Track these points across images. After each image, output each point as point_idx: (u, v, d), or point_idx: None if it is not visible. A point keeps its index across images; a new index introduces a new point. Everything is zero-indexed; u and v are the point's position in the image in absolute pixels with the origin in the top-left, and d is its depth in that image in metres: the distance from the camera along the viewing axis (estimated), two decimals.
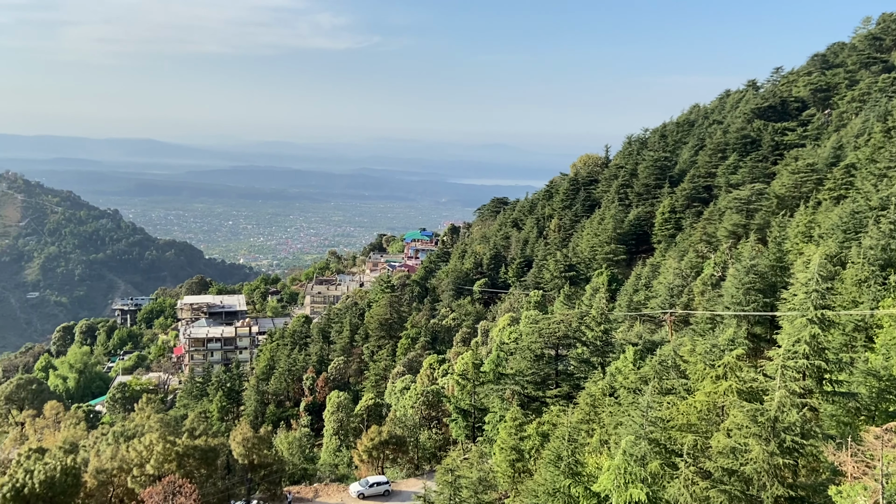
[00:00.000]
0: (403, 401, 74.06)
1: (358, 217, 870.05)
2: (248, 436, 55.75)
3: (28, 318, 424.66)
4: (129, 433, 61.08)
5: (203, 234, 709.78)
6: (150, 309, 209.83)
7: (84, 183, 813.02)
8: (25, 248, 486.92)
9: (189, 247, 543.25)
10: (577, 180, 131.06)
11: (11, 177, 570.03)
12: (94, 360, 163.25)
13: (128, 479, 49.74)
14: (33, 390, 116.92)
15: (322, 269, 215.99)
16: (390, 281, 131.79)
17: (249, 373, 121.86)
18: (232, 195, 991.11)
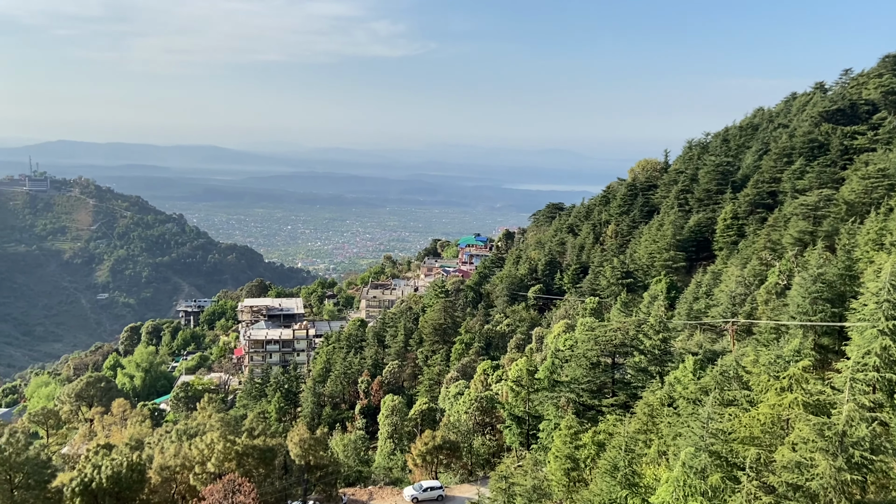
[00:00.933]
0: (457, 406, 74.10)
1: (413, 222, 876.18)
2: (304, 437, 56.71)
3: (98, 319, 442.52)
4: (191, 431, 62.88)
5: (263, 239, 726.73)
6: (213, 311, 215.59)
7: (152, 188, 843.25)
8: (96, 251, 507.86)
9: (249, 250, 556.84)
10: (636, 185, 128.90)
11: (84, 182, 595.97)
12: (159, 360, 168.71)
13: (190, 476, 51.20)
14: (102, 388, 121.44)
15: (377, 273, 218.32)
16: (444, 286, 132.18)
17: (306, 375, 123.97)
18: (291, 200, 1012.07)
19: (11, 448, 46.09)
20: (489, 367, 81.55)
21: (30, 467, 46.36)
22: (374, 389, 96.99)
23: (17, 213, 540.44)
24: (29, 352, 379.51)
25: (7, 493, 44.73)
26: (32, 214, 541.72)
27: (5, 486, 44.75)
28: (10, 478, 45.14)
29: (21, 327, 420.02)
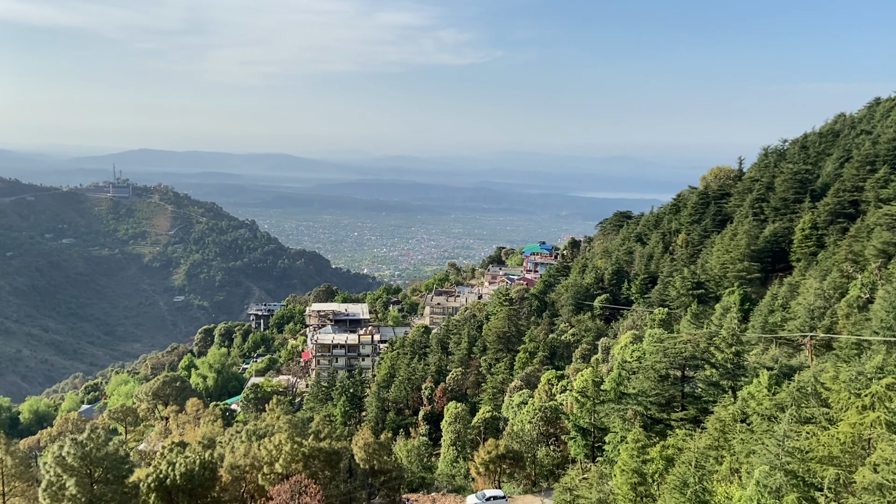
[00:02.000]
0: (521, 415, 73.51)
1: (477, 229, 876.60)
2: (369, 441, 57.40)
3: (174, 320, 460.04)
4: (260, 432, 64.46)
5: (330, 245, 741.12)
6: (282, 314, 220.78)
7: (226, 195, 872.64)
8: (174, 255, 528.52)
9: (317, 256, 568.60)
10: (708, 194, 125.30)
11: (163, 189, 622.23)
12: (230, 362, 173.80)
13: (258, 475, 52.50)
14: (177, 387, 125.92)
15: (441, 280, 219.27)
16: (509, 294, 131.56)
17: (371, 380, 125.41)
18: (358, 207, 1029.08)
19: (92, 443, 48.12)
20: (554, 377, 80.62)
21: (109, 462, 48.24)
22: (437, 396, 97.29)
23: (102, 219, 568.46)
24: (110, 351, 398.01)
25: (87, 486, 46.71)
26: (115, 219, 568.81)
27: (86, 479, 46.79)
28: (91, 472, 47.16)
29: (103, 327, 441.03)
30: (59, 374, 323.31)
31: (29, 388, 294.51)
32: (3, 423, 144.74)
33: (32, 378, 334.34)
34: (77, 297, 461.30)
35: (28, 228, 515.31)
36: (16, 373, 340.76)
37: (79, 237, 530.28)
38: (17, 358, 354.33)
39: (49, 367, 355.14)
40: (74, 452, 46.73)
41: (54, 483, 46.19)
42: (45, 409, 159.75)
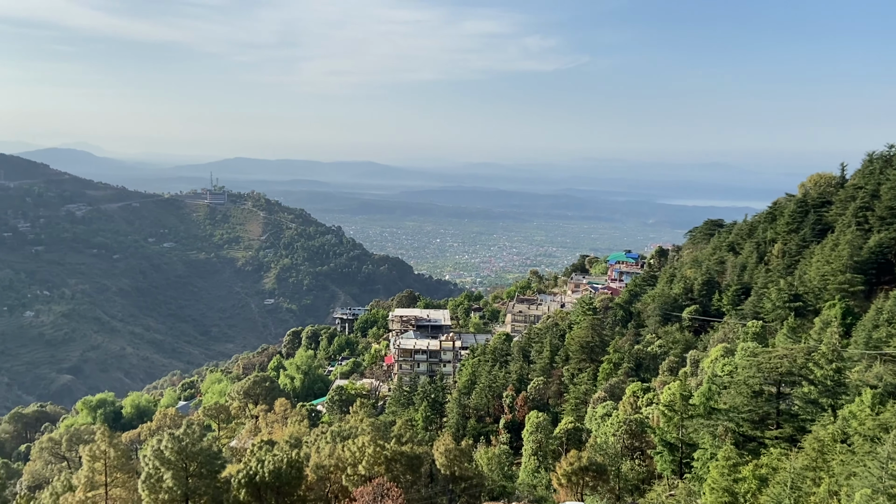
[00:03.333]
0: (604, 427, 71.94)
1: (560, 237, 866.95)
2: (450, 447, 57.58)
3: (265, 322, 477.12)
4: (344, 434, 65.83)
5: (413, 251, 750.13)
6: (366, 319, 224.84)
7: (314, 202, 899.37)
8: (265, 260, 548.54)
9: (400, 262, 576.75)
10: (806, 202, 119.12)
11: (256, 196, 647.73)
12: (316, 364, 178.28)
13: (342, 476, 53.61)
14: (266, 387, 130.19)
15: (523, 288, 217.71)
16: (592, 303, 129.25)
17: (452, 386, 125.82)
18: (440, 214, 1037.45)
19: (188, 439, 50.36)
20: (639, 390, 78.52)
21: (203, 457, 50.31)
22: (518, 404, 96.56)
23: (199, 224, 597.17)
24: (205, 350, 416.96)
25: (182, 479, 48.90)
26: (212, 225, 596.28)
27: (181, 473, 49.00)
28: (186, 466, 49.37)
29: (199, 328, 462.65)
30: (158, 371, 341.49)
31: (131, 383, 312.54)
32: (108, 416, 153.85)
33: (135, 374, 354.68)
34: (176, 298, 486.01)
35: (133, 233, 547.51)
36: (120, 369, 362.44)
37: (178, 241, 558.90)
38: (121, 355, 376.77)
39: (150, 364, 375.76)
40: (172, 447, 49.08)
41: (153, 475, 48.65)
42: (145, 405, 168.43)
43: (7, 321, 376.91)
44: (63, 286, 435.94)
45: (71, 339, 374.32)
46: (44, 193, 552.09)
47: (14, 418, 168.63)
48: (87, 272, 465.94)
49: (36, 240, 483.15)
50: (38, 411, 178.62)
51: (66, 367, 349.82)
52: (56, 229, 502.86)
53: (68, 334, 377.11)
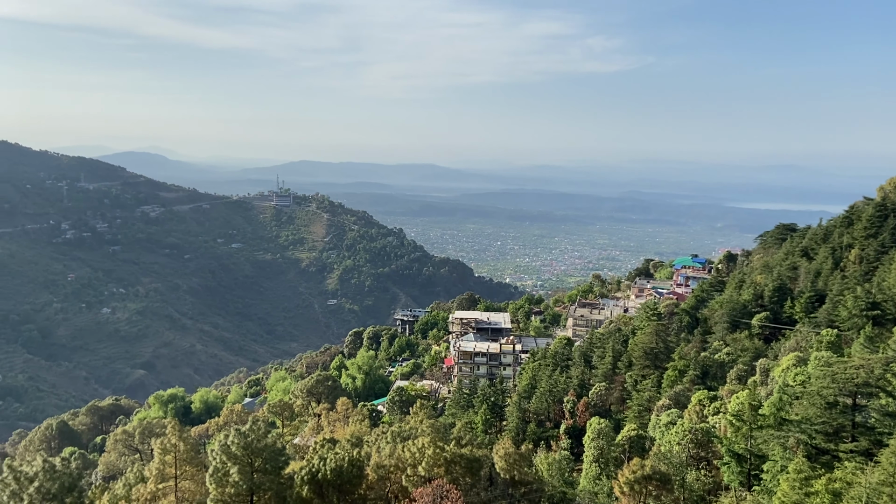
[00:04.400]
0: (668, 436, 70.18)
1: (623, 241, 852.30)
2: (510, 451, 57.21)
3: (327, 322, 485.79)
4: (404, 434, 66.26)
5: (474, 253, 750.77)
6: (426, 321, 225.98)
7: (376, 204, 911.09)
8: (328, 261, 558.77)
9: (461, 265, 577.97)
10: (886, 206, 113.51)
11: (320, 198, 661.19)
12: (377, 364, 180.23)
13: (402, 477, 53.92)
14: (329, 386, 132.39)
15: (585, 292, 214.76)
16: (657, 308, 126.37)
17: (512, 389, 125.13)
18: (501, 217, 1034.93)
19: (254, 434, 51.53)
20: (705, 398, 76.30)
21: (267, 453, 51.38)
22: (579, 410, 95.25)
23: (266, 225, 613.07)
24: (270, 349, 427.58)
25: (248, 474, 50.08)
26: (277, 226, 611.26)
27: (247, 468, 50.18)
28: (252, 461, 50.52)
29: (265, 326, 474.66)
30: (226, 368, 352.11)
31: (200, 379, 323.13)
32: (178, 410, 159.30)
33: (203, 371, 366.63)
34: (243, 297, 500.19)
35: (203, 234, 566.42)
36: (190, 365, 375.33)
37: (246, 242, 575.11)
38: (191, 352, 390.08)
39: (218, 361, 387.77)
40: (238, 442, 50.33)
41: (220, 469, 49.99)
42: (213, 400, 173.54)
43: (86, 317, 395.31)
44: (137, 284, 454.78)
45: (144, 335, 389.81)
46: (120, 195, 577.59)
47: (91, 411, 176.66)
48: (159, 271, 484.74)
49: (113, 240, 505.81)
50: (113, 404, 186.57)
51: (140, 362, 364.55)
52: (131, 229, 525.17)
53: (142, 331, 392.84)
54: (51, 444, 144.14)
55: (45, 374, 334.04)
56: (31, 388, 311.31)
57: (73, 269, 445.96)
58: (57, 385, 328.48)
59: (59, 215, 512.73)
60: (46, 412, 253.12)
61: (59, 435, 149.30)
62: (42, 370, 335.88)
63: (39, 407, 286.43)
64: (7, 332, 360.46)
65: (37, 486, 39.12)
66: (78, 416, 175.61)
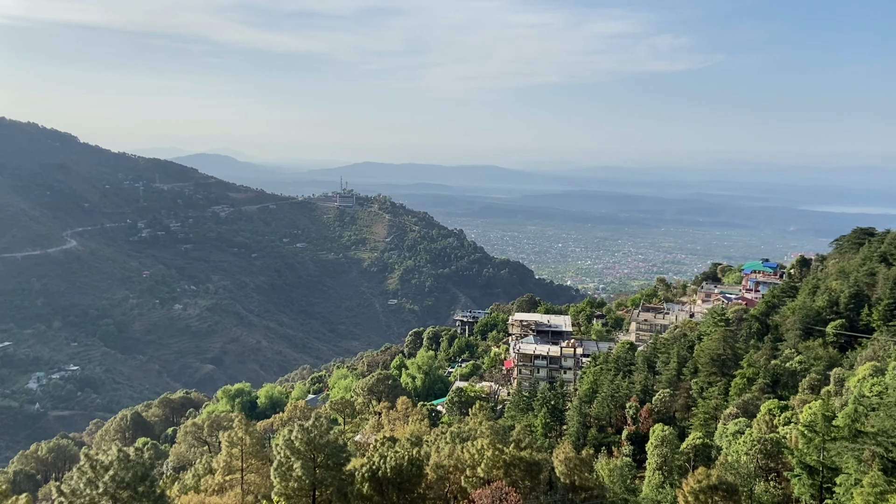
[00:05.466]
0: (736, 445, 68.06)
1: (690, 244, 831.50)
2: (570, 456, 56.63)
3: (388, 322, 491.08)
4: (463, 435, 66.41)
5: (534, 255, 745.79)
6: (485, 322, 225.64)
7: (437, 205, 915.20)
8: (389, 261, 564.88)
9: (521, 266, 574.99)
10: None
11: (382, 199, 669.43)
12: (437, 364, 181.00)
13: (461, 477, 54.06)
14: (389, 385, 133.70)
15: (649, 296, 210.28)
16: (724, 314, 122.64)
17: (572, 393, 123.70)
18: (563, 218, 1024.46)
19: (316, 430, 52.53)
20: (776, 407, 73.69)
21: (330, 449, 52.30)
22: (642, 416, 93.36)
23: (329, 226, 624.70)
24: (333, 346, 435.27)
25: (311, 469, 51.10)
26: (340, 226, 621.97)
27: (310, 463, 51.21)
28: (314, 457, 51.54)
29: (328, 325, 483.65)
30: (290, 364, 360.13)
31: (266, 375, 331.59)
32: (244, 405, 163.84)
33: (269, 367, 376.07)
34: (307, 296, 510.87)
35: (269, 233, 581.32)
36: (256, 361, 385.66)
37: (310, 242, 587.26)
38: (257, 348, 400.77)
39: (282, 357, 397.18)
40: (301, 437, 51.46)
41: (284, 464, 51.21)
42: (277, 396, 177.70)
43: (159, 313, 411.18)
44: (207, 282, 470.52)
45: (213, 331, 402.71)
46: (193, 196, 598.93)
47: (163, 403, 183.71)
48: (228, 269, 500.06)
49: (185, 238, 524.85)
50: (183, 397, 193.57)
51: (209, 357, 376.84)
52: (202, 229, 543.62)
53: (211, 327, 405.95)
54: (125, 435, 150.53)
55: (120, 366, 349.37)
56: (107, 380, 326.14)
57: (148, 266, 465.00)
58: (132, 377, 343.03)
59: (135, 214, 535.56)
60: (122, 403, 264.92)
61: (133, 425, 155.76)
62: (118, 363, 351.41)
63: (115, 398, 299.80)
64: (87, 326, 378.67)
65: (111, 475, 40.86)
66: (151, 407, 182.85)
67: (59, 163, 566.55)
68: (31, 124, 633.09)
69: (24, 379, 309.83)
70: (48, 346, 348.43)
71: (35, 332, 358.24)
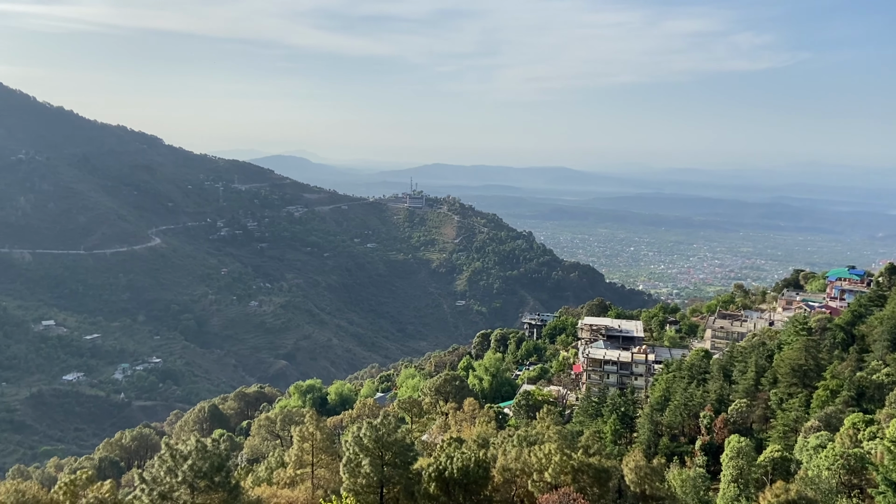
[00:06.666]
0: (817, 460, 65.04)
1: (770, 249, 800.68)
2: (640, 464, 55.42)
3: (455, 323, 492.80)
4: (530, 439, 65.88)
5: (605, 259, 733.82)
6: (554, 325, 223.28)
7: (506, 207, 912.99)
8: (457, 262, 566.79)
9: (591, 270, 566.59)
10: None
11: (451, 201, 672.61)
12: (504, 367, 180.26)
13: (528, 482, 53.67)
14: (456, 386, 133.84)
15: (726, 302, 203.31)
16: (807, 322, 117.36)
17: (643, 400, 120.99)
18: (635, 221, 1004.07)
19: (384, 429, 53.25)
20: (860, 421, 70.07)
21: (397, 448, 52.92)
22: (717, 426, 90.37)
23: (399, 226, 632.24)
24: (401, 346, 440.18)
25: (379, 467, 51.82)
26: (410, 227, 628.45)
27: (378, 461, 51.94)
28: (382, 454, 52.24)
29: (396, 324, 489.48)
30: (359, 362, 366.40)
31: (336, 372, 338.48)
32: (315, 401, 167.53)
33: (339, 364, 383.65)
34: (376, 295, 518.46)
35: (341, 233, 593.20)
36: (326, 358, 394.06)
37: (380, 242, 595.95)
38: (328, 346, 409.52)
39: (352, 355, 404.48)
40: (370, 435, 52.24)
41: (352, 460, 52.10)
42: (347, 393, 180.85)
43: (236, 309, 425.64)
44: (282, 280, 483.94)
45: (287, 328, 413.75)
46: (269, 196, 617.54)
47: (238, 397, 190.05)
48: (301, 268, 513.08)
49: (261, 237, 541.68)
50: (257, 392, 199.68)
51: (282, 353, 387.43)
52: (277, 228, 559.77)
53: (285, 324, 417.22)
54: (203, 426, 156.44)
55: (199, 360, 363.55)
56: (187, 373, 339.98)
57: (226, 263, 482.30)
58: (209, 371, 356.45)
59: (215, 214, 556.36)
60: (200, 395, 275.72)
61: (211, 417, 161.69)
62: (197, 356, 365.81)
63: (194, 390, 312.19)
64: (168, 320, 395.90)
65: (190, 464, 42.56)
66: (227, 400, 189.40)
67: (145, 164, 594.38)
68: (120, 127, 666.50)
69: (110, 369, 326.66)
70: (133, 339, 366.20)
71: (121, 325, 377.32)
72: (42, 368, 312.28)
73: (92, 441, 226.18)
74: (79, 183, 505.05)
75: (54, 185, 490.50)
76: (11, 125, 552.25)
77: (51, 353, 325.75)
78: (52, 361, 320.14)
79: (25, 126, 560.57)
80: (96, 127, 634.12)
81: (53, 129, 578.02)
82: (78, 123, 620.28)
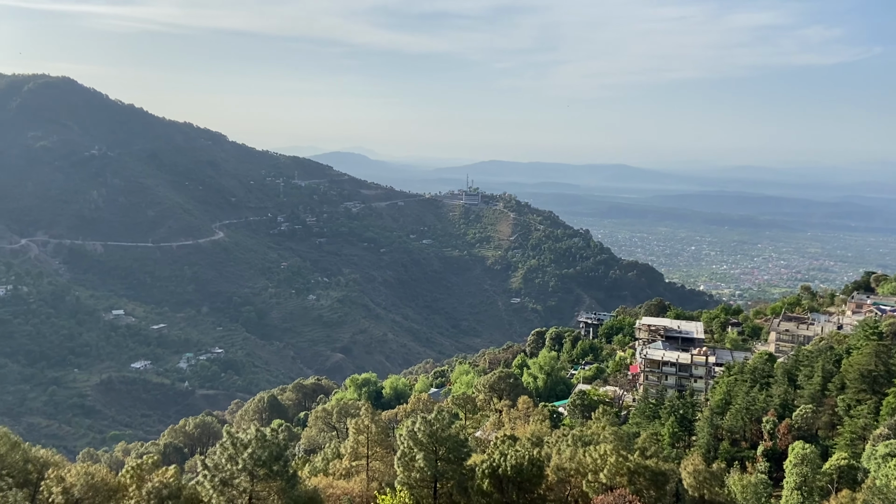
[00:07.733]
0: (886, 469, 62.31)
1: (839, 250, 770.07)
2: (699, 468, 54.22)
3: (510, 320, 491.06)
4: (585, 439, 65.20)
5: (664, 258, 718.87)
6: (611, 325, 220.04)
7: (562, 204, 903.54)
8: (513, 260, 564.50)
9: (650, 269, 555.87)
10: None
11: (507, 198, 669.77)
12: (559, 366, 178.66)
13: (583, 482, 53.14)
14: (510, 383, 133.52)
15: (792, 304, 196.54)
16: (878, 327, 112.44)
17: (703, 403, 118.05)
18: (696, 220, 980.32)
19: (438, 424, 53.50)
20: None
21: (451, 443, 53.09)
22: (780, 432, 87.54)
23: (455, 223, 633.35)
24: (455, 342, 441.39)
25: (432, 461, 52.12)
26: (465, 224, 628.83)
27: (432, 455, 52.23)
28: (436, 449, 52.52)
29: (451, 321, 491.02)
30: (414, 357, 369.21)
31: (391, 367, 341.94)
32: (370, 394, 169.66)
33: (394, 358, 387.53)
34: (431, 291, 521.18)
35: (397, 229, 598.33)
36: (382, 353, 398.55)
37: (435, 238, 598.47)
38: (383, 340, 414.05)
39: (407, 350, 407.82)
40: (424, 430, 52.59)
41: (407, 454, 52.57)
42: (402, 388, 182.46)
43: (295, 302, 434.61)
44: (339, 275, 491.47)
45: (343, 322, 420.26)
46: (327, 192, 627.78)
47: (296, 388, 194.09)
48: (358, 263, 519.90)
49: (319, 232, 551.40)
50: (315, 384, 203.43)
51: (339, 346, 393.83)
52: (335, 224, 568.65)
53: (341, 317, 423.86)
54: (262, 416, 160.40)
55: (259, 351, 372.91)
56: (247, 364, 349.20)
57: (286, 258, 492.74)
58: (269, 362, 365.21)
59: (275, 209, 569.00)
60: (259, 386, 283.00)
61: (270, 407, 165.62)
62: (257, 348, 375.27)
63: (254, 381, 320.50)
64: (230, 312, 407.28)
65: (250, 453, 43.73)
66: (285, 391, 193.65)
67: (210, 160, 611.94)
68: (186, 124, 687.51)
69: (175, 359, 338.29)
70: (197, 329, 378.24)
71: (186, 315, 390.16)
72: (112, 356, 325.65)
73: (157, 427, 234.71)
74: (147, 178, 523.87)
75: (124, 180, 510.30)
76: (86, 122, 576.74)
77: (120, 341, 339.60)
78: (121, 349, 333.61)
79: (98, 123, 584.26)
80: (164, 124, 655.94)
81: (124, 126, 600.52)
82: (147, 120, 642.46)
